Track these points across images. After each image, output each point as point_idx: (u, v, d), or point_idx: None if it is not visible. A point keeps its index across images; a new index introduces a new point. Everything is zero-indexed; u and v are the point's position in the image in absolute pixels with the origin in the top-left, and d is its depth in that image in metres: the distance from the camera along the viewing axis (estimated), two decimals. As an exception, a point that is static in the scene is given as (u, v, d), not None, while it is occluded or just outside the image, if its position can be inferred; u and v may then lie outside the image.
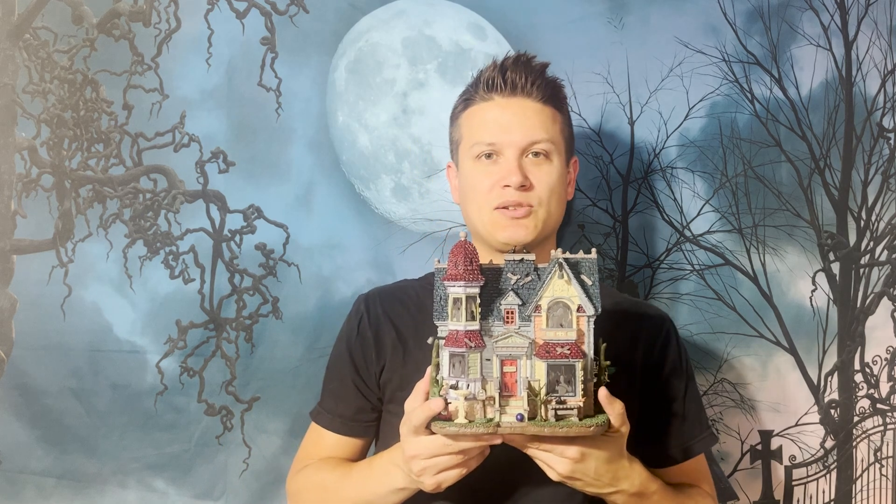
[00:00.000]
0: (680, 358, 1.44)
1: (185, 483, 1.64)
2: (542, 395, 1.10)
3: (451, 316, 1.12)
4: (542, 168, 1.37)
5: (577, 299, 1.12)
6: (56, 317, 1.58)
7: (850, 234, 1.85)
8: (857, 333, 1.86)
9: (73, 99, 1.59)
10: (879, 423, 1.88)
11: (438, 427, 1.10)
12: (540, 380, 1.11)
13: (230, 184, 1.64)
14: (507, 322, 1.13)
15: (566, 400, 1.11)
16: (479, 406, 1.11)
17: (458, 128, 1.44)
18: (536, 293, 1.13)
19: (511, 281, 1.15)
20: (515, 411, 1.10)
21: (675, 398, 1.42)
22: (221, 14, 1.63)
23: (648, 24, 1.76)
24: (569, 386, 1.11)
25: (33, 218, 1.59)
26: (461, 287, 1.11)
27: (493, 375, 1.12)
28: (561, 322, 1.12)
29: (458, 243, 1.14)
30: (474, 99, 1.41)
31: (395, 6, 1.69)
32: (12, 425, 1.58)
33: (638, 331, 1.42)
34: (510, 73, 1.37)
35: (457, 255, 1.13)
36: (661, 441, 1.40)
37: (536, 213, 1.36)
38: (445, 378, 1.11)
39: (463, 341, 1.10)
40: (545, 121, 1.38)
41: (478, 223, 1.39)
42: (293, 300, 1.66)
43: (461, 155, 1.43)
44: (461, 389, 1.10)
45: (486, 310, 1.13)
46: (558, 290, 1.12)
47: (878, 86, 1.86)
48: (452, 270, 1.12)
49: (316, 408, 1.47)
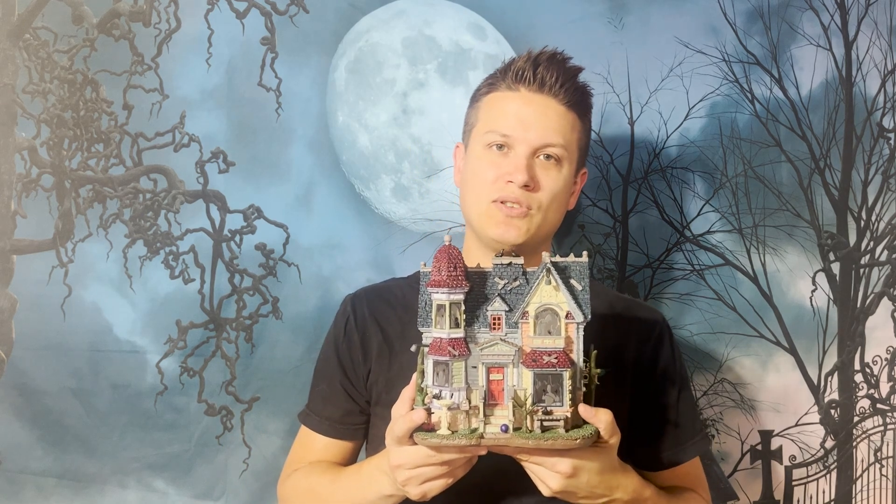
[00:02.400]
0: (673, 359, 1.42)
1: (185, 483, 1.64)
2: (527, 405, 1.07)
3: (434, 323, 1.08)
4: (550, 173, 1.34)
5: (566, 306, 1.08)
6: (56, 317, 1.58)
7: (850, 234, 1.85)
8: (857, 333, 1.86)
9: (73, 99, 1.59)
10: (879, 423, 1.88)
11: (420, 438, 1.07)
12: (526, 389, 1.07)
13: (230, 184, 1.64)
14: (493, 328, 1.09)
15: (553, 410, 1.07)
16: (463, 416, 1.07)
17: (477, 111, 1.41)
18: (524, 299, 1.09)
19: (498, 286, 1.11)
20: (501, 421, 1.07)
21: (667, 400, 1.40)
22: (221, 14, 1.63)
23: (648, 24, 1.76)
24: (556, 396, 1.07)
25: (33, 218, 1.59)
26: (444, 294, 1.07)
27: (478, 383, 1.08)
28: (549, 329, 1.08)
29: (442, 248, 1.10)
30: (499, 86, 1.38)
31: (395, 6, 1.69)
32: (12, 425, 1.58)
33: (630, 331, 1.40)
34: (542, 68, 1.34)
35: (440, 261, 1.09)
36: (652, 444, 1.38)
37: (533, 216, 1.33)
38: (429, 386, 1.08)
39: (447, 350, 1.07)
40: (564, 125, 1.35)
41: (473, 212, 1.37)
42: (293, 300, 1.66)
43: (473, 139, 1.40)
44: (444, 399, 1.06)
45: (471, 315, 1.09)
46: (546, 297, 1.08)
47: (878, 86, 1.86)
48: (436, 276, 1.08)
49: (304, 410, 1.46)
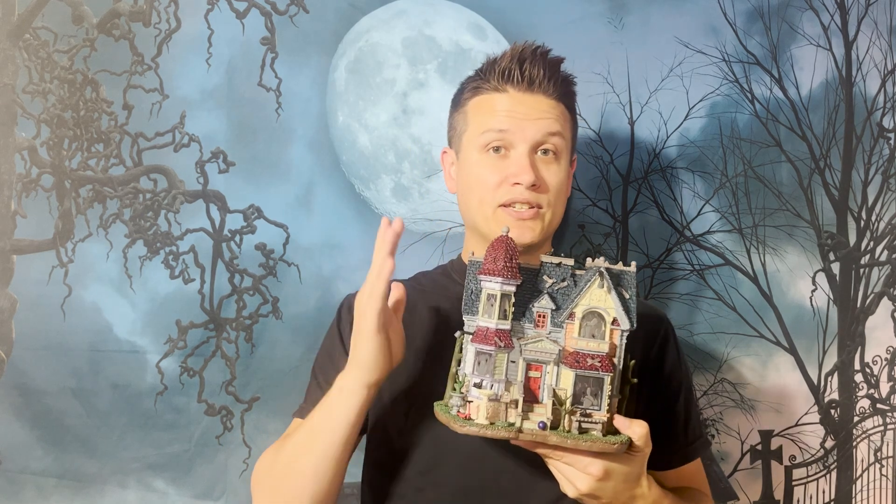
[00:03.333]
0: (678, 359, 1.42)
1: (185, 483, 1.64)
2: (567, 405, 1.06)
3: (482, 312, 1.07)
4: (551, 168, 1.34)
5: (614, 311, 1.08)
6: (56, 317, 1.58)
7: (850, 234, 1.86)
8: (857, 333, 1.86)
9: (73, 99, 1.59)
10: (879, 423, 1.88)
11: (460, 426, 1.06)
12: (566, 389, 1.07)
13: (230, 184, 1.64)
14: (537, 325, 1.09)
15: (591, 413, 1.07)
16: (503, 408, 1.07)
17: (465, 115, 1.39)
18: (572, 300, 1.08)
19: (546, 284, 1.11)
20: (538, 418, 1.06)
21: (674, 401, 1.40)
22: (221, 14, 1.63)
23: (648, 24, 1.76)
24: (595, 399, 1.07)
25: (33, 218, 1.59)
26: (498, 283, 1.06)
27: (517, 378, 1.08)
28: (593, 333, 1.08)
29: (500, 238, 1.09)
30: (485, 88, 1.36)
31: (395, 6, 1.69)
32: (12, 425, 1.58)
33: (636, 331, 1.40)
34: (528, 65, 1.33)
35: (497, 250, 1.07)
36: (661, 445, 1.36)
37: (544, 215, 1.33)
38: (469, 375, 1.07)
39: (493, 339, 1.06)
40: (558, 117, 1.35)
41: (478, 218, 1.36)
42: (293, 300, 1.66)
43: (465, 144, 1.38)
44: (486, 389, 1.06)
45: (517, 311, 1.09)
46: (595, 300, 1.08)
47: (878, 86, 1.86)
48: (490, 265, 1.07)
49: (302, 405, 1.42)
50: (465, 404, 1.07)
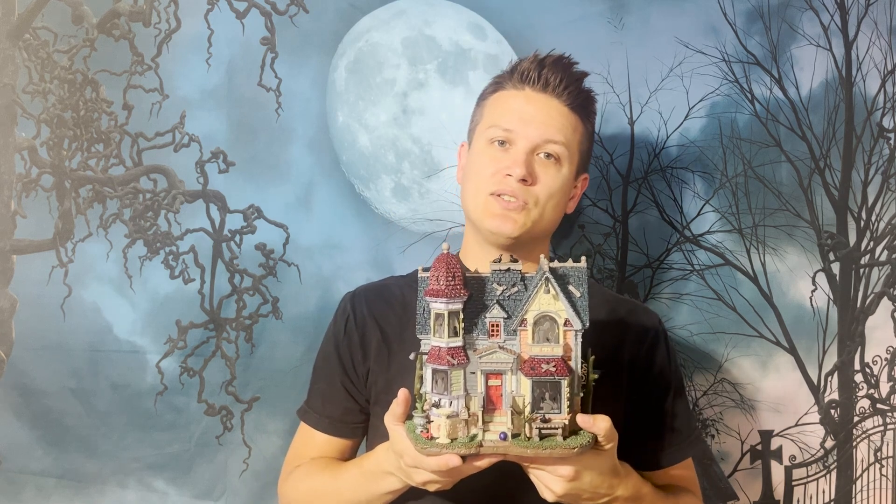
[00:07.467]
0: (668, 361, 1.42)
1: (185, 483, 1.64)
2: (526, 412, 1.07)
3: (433, 331, 1.07)
4: (549, 171, 1.36)
5: (564, 313, 1.08)
6: (56, 317, 1.59)
7: (850, 234, 1.85)
8: (857, 333, 1.86)
9: (73, 99, 1.59)
10: (879, 423, 1.88)
11: (420, 447, 1.06)
12: (525, 396, 1.07)
13: (230, 184, 1.64)
14: (492, 335, 1.09)
15: (551, 418, 1.07)
16: (462, 424, 1.07)
17: (482, 109, 1.43)
18: (522, 306, 1.08)
19: (497, 292, 1.11)
20: (499, 427, 1.07)
21: (662, 402, 1.40)
22: (221, 14, 1.63)
23: (648, 24, 1.76)
24: (554, 403, 1.07)
25: (33, 218, 1.59)
26: (443, 304, 1.06)
27: (477, 390, 1.08)
28: (547, 336, 1.08)
29: (441, 256, 1.09)
30: (505, 86, 1.41)
31: (395, 6, 1.69)
32: (12, 425, 1.58)
33: (626, 332, 1.40)
34: (547, 69, 1.37)
35: (438, 270, 1.07)
36: (647, 445, 1.38)
37: (529, 210, 1.34)
38: (428, 393, 1.08)
39: (445, 359, 1.06)
40: (566, 125, 1.37)
41: (471, 205, 1.38)
42: (293, 300, 1.66)
43: (476, 136, 1.42)
44: (443, 408, 1.06)
45: (470, 322, 1.09)
46: (544, 305, 1.08)
47: (878, 86, 1.86)
48: (434, 286, 1.07)
49: (303, 406, 1.46)
50: (426, 424, 1.08)
